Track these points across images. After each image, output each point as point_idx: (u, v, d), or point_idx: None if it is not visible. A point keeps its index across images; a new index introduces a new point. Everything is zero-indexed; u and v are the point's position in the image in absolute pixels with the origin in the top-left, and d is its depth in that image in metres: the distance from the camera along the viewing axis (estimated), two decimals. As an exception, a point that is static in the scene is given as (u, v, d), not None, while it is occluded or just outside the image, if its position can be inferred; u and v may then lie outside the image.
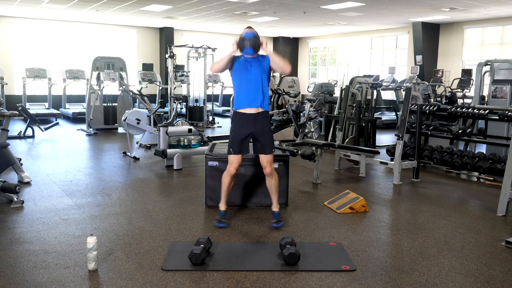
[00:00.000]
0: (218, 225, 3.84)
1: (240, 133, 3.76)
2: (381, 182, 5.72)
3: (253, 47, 3.68)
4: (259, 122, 3.74)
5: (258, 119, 3.74)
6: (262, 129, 3.76)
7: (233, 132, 3.81)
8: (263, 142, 3.77)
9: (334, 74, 17.52)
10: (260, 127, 3.75)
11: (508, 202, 4.27)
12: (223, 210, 3.92)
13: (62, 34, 14.17)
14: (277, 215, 3.92)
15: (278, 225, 3.85)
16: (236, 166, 3.81)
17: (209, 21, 13.52)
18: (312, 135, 8.85)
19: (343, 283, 2.85)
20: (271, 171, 3.82)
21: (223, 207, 3.92)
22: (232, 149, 3.79)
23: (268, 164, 3.79)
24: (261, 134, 3.76)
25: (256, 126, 3.74)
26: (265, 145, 3.77)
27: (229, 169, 3.82)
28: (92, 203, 4.53)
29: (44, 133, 9.12)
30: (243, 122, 3.76)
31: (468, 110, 5.99)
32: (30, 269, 2.97)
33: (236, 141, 3.77)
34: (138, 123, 7.00)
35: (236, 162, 3.80)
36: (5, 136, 5.19)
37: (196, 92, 12.44)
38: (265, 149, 3.77)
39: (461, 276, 2.98)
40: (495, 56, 11.40)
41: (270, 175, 3.83)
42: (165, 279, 2.86)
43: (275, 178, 3.87)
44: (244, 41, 3.68)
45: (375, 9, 11.19)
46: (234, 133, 3.79)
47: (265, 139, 3.77)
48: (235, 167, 3.80)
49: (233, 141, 3.78)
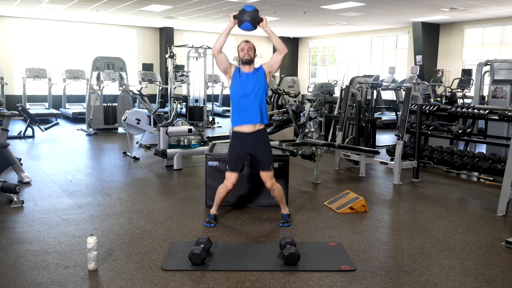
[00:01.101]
0: (206, 225, 3.87)
1: (237, 151, 3.76)
2: (381, 182, 5.72)
3: (253, 23, 3.52)
4: (257, 141, 3.73)
5: (256, 138, 3.72)
6: (260, 147, 3.75)
7: (231, 149, 3.80)
8: (262, 160, 3.76)
9: (334, 74, 17.52)
10: (258, 145, 3.74)
11: (508, 202, 4.27)
12: (213, 213, 3.95)
13: (62, 34, 14.17)
14: (286, 217, 3.97)
15: (284, 225, 3.90)
16: (233, 182, 3.79)
17: (209, 21, 13.52)
18: (312, 135, 8.85)
19: (343, 283, 2.85)
20: (272, 185, 3.82)
21: (214, 211, 3.95)
22: (228, 166, 3.79)
23: (268, 179, 3.79)
24: (259, 152, 3.75)
25: (254, 145, 3.73)
26: (264, 162, 3.76)
27: (226, 184, 3.81)
28: (92, 203, 4.53)
29: (44, 133, 9.12)
30: (240, 142, 3.75)
31: (468, 110, 5.99)
32: (30, 269, 2.97)
33: (233, 158, 3.77)
34: (138, 123, 7.00)
35: (233, 177, 3.78)
36: (5, 136, 5.19)
37: (196, 92, 12.44)
38: (264, 166, 3.77)
39: (461, 276, 2.98)
40: (495, 56, 11.41)
41: (271, 189, 3.85)
42: (165, 279, 2.86)
43: (277, 189, 3.87)
44: (244, 15, 3.48)
45: (375, 9, 11.19)
46: (232, 150, 3.79)
47: (263, 156, 3.76)
48: (232, 182, 3.79)
49: (230, 157, 3.78)
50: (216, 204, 3.93)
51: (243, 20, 3.50)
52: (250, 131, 3.71)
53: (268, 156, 3.78)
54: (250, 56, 3.70)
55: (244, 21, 3.50)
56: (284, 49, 3.65)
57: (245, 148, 3.74)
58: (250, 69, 3.74)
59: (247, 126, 3.71)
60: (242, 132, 3.73)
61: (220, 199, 3.89)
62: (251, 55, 3.71)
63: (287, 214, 3.98)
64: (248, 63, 3.71)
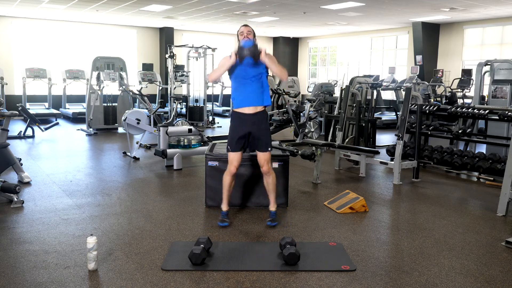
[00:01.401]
0: (220, 225, 3.85)
1: (237, 132, 3.78)
2: (381, 182, 5.72)
3: (253, 56, 3.65)
4: (257, 121, 3.75)
5: (255, 119, 3.75)
6: (260, 128, 3.77)
7: (231, 131, 3.83)
8: (261, 140, 3.78)
9: (334, 74, 17.52)
10: (257, 126, 3.76)
11: (508, 202, 4.27)
12: (225, 210, 3.94)
13: (62, 34, 14.17)
14: (273, 214, 3.94)
15: (272, 223, 3.87)
16: (236, 164, 3.81)
17: (209, 21, 13.52)
18: (312, 135, 8.85)
19: (343, 283, 2.85)
20: (269, 169, 3.83)
21: (225, 208, 3.94)
22: (230, 147, 3.81)
23: (265, 162, 3.80)
24: (258, 133, 3.77)
25: (254, 125, 3.75)
26: (262, 143, 3.78)
27: (229, 169, 3.83)
28: (92, 203, 4.53)
29: (44, 133, 9.12)
30: (240, 121, 3.77)
31: (468, 110, 5.99)
32: (30, 269, 2.97)
33: (234, 139, 3.78)
34: (138, 123, 7.00)
35: (235, 160, 3.80)
36: (5, 136, 5.19)
37: (196, 92, 12.44)
38: (262, 147, 3.79)
39: (461, 276, 2.98)
40: (495, 56, 11.41)
41: (267, 173, 3.85)
42: (165, 279, 2.86)
43: (273, 177, 3.88)
44: (243, 51, 3.64)
45: (375, 9, 11.19)
46: (232, 131, 3.81)
47: (262, 137, 3.78)
48: (235, 165, 3.81)
49: (231, 139, 3.80)
50: (225, 197, 3.91)
51: (243, 55, 3.67)
52: (251, 112, 3.74)
53: (266, 136, 3.80)
54: (250, 39, 3.74)
55: (245, 56, 3.67)
56: (286, 78, 3.82)
57: (244, 126, 3.75)
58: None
59: (248, 108, 3.73)
60: (242, 113, 3.75)
61: (227, 190, 3.88)
62: (251, 38, 3.76)
63: (274, 212, 3.94)
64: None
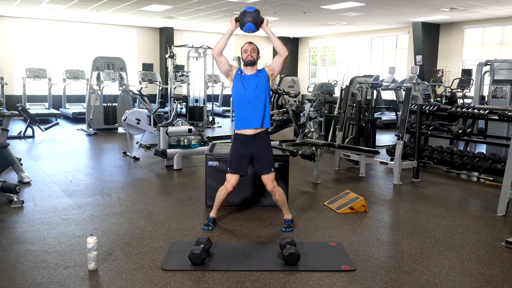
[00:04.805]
0: (204, 228, 3.83)
1: (238, 153, 3.73)
2: (381, 182, 5.72)
3: (255, 23, 3.51)
4: (258, 143, 3.70)
5: (257, 140, 3.70)
6: (261, 149, 3.71)
7: (232, 151, 3.79)
8: (263, 162, 3.72)
9: (334, 74, 17.52)
10: (259, 147, 3.71)
11: (508, 202, 4.27)
12: (212, 216, 3.93)
13: (62, 34, 14.17)
14: (289, 222, 3.90)
15: (287, 230, 3.82)
16: (234, 183, 3.76)
17: (209, 21, 13.52)
18: (312, 135, 8.85)
19: (343, 283, 2.85)
20: (273, 188, 3.75)
21: (214, 215, 3.93)
22: (229, 168, 3.76)
23: (269, 181, 3.74)
24: (260, 154, 3.71)
25: (255, 147, 3.70)
26: (264, 164, 3.72)
27: (226, 186, 3.78)
28: (92, 203, 4.53)
29: (44, 133, 9.12)
30: (241, 142, 3.73)
31: (468, 110, 5.99)
32: (30, 269, 2.97)
33: (234, 160, 3.74)
34: (138, 123, 7.00)
35: (233, 180, 3.76)
36: (5, 136, 5.19)
37: (196, 92, 12.44)
38: (265, 168, 3.72)
39: (461, 276, 2.98)
40: (495, 56, 11.41)
41: (272, 192, 3.79)
42: (165, 279, 2.86)
43: (279, 193, 3.81)
44: (245, 16, 3.49)
45: (375, 9, 11.19)
46: (233, 152, 3.77)
47: (264, 159, 3.72)
48: (232, 184, 3.76)
49: (231, 159, 3.76)
50: (216, 206, 3.91)
51: (245, 21, 3.50)
52: (251, 134, 3.69)
53: (268, 158, 3.74)
54: (253, 57, 3.65)
55: (247, 22, 3.49)
56: (285, 51, 3.60)
57: (246, 148, 3.71)
58: (253, 71, 3.68)
59: (248, 130, 3.69)
60: (243, 134, 3.72)
61: (220, 201, 3.87)
62: (254, 56, 3.66)
63: (290, 220, 3.91)
64: (250, 65, 3.67)
